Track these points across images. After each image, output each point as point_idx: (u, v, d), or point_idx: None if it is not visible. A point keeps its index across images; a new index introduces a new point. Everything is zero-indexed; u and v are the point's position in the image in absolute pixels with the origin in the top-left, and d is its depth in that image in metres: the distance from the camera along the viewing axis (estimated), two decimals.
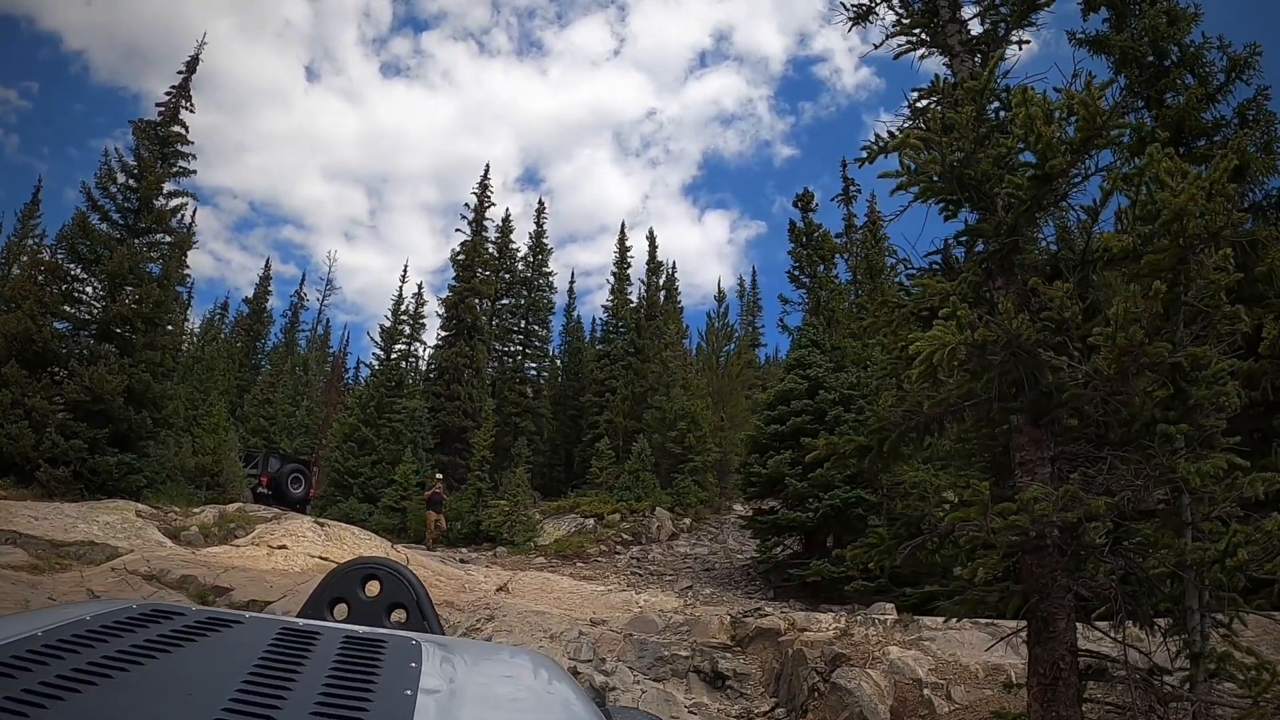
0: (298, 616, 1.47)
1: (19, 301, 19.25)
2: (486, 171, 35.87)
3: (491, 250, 34.83)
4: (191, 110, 22.61)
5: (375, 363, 32.74)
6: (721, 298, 38.83)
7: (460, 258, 33.51)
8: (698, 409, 26.37)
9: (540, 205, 39.77)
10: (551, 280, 37.62)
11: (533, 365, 36.80)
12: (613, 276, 36.57)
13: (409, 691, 0.91)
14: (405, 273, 48.98)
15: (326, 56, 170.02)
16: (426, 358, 34.44)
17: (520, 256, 36.86)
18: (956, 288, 5.84)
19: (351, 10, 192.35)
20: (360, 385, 38.08)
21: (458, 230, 34.62)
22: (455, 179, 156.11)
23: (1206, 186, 5.23)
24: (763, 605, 13.74)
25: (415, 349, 34.61)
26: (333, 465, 27.45)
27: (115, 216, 20.94)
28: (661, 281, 34.92)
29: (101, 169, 20.88)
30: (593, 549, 20.89)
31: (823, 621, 11.25)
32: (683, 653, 10.87)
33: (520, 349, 36.22)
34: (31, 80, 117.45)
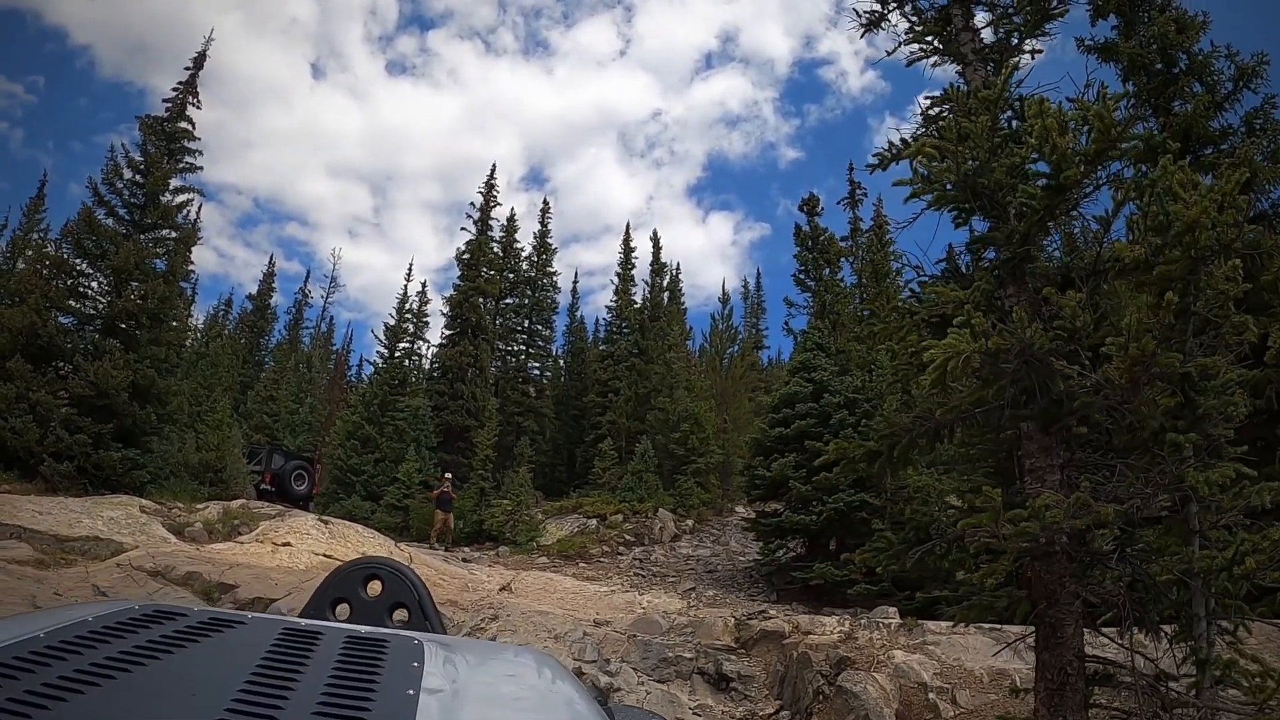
0: (300, 616, 1.48)
1: (24, 296, 19.14)
2: (493, 171, 35.98)
3: (496, 249, 34.86)
4: (199, 106, 22.48)
5: (379, 360, 32.72)
6: (726, 300, 38.78)
7: (465, 256, 33.58)
8: (701, 411, 26.35)
9: (545, 205, 39.88)
10: (555, 280, 37.70)
11: (536, 365, 36.82)
12: (616, 277, 36.68)
13: (411, 691, 0.92)
14: (410, 271, 49.02)
15: (332, 54, 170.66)
16: (430, 356, 34.48)
17: (524, 256, 36.89)
18: (970, 295, 5.88)
19: (358, 8, 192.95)
20: (363, 383, 38.06)
21: (463, 229, 34.70)
22: (459, 177, 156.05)
23: (1218, 199, 5.27)
24: (767, 608, 13.75)
25: (419, 347, 34.57)
26: (335, 463, 27.38)
27: (121, 212, 20.82)
28: (665, 283, 34.91)
29: (108, 164, 20.74)
30: (595, 549, 20.88)
31: (827, 625, 11.27)
32: (687, 654, 10.89)
33: (523, 348, 36.23)
34: (37, 74, 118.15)
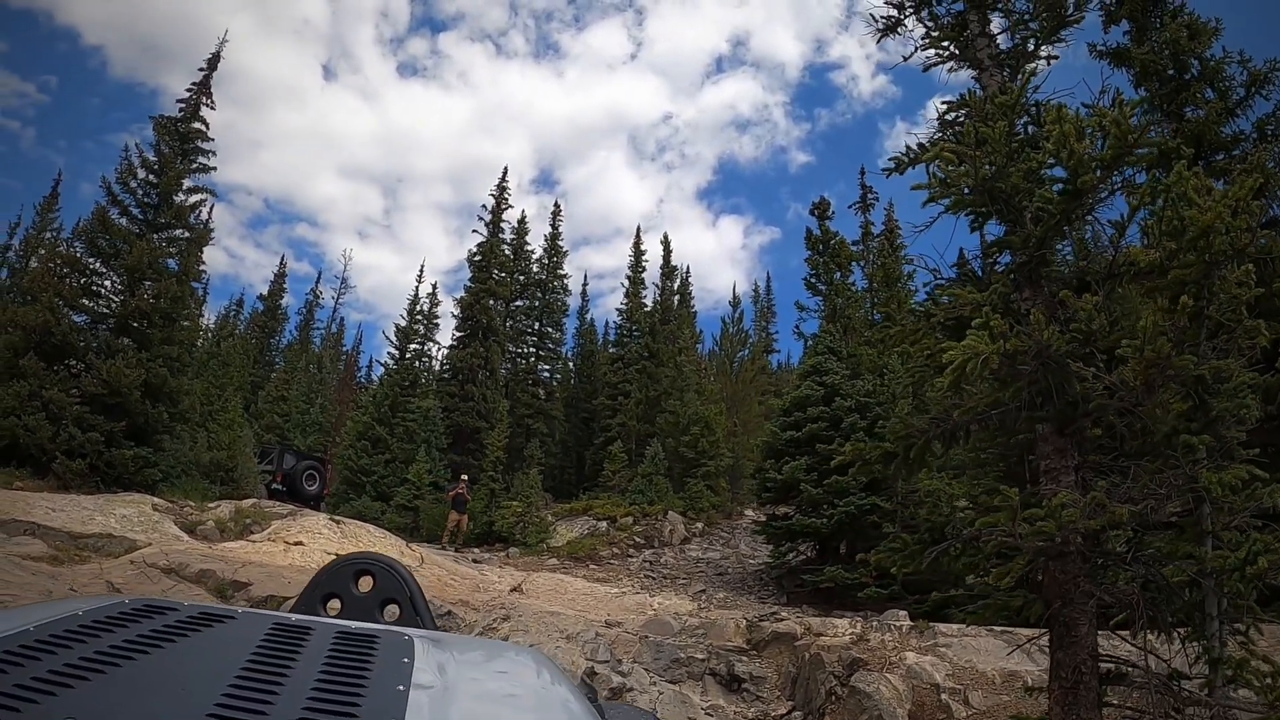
0: (290, 611, 1.49)
1: (38, 294, 19.27)
2: (505, 174, 36.07)
3: (507, 252, 34.95)
4: (212, 107, 22.61)
5: (390, 361, 32.84)
6: (736, 303, 38.89)
7: (477, 258, 33.68)
8: (711, 414, 26.38)
9: (556, 208, 39.89)
10: (566, 283, 37.69)
11: (545, 367, 36.83)
12: (627, 280, 36.86)
13: (402, 687, 0.92)
14: (421, 272, 49.38)
15: (344, 55, 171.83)
16: (440, 358, 34.60)
17: (535, 258, 36.97)
18: (988, 298, 5.95)
19: (369, 10, 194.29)
20: (373, 384, 38.17)
21: (474, 231, 34.79)
22: (470, 179, 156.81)
23: (1233, 204, 5.33)
24: (778, 610, 13.80)
25: (429, 349, 34.77)
26: (346, 463, 27.44)
27: (135, 211, 20.95)
28: (676, 286, 34.98)
29: (122, 164, 20.89)
30: (605, 551, 20.91)
31: (838, 627, 11.31)
32: (698, 655, 10.93)
33: (533, 351, 36.25)
34: (50, 74, 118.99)
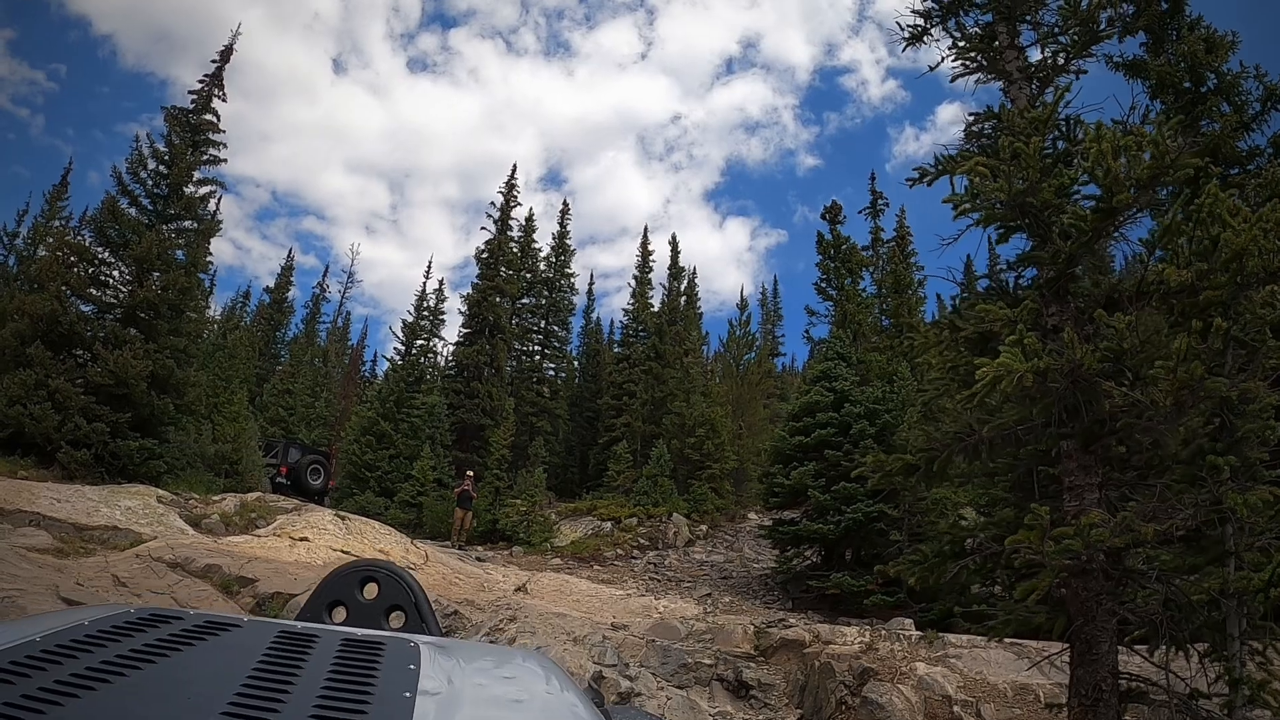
0: (296, 619, 1.49)
1: (45, 282, 19.15)
2: (514, 171, 36.07)
3: (515, 249, 34.92)
4: (224, 99, 22.52)
5: (395, 357, 32.74)
6: (744, 306, 38.62)
7: (484, 255, 33.68)
8: (717, 416, 26.32)
9: (565, 206, 39.94)
10: (573, 282, 37.61)
11: (551, 366, 36.75)
12: (634, 280, 36.84)
13: (408, 694, 0.92)
14: (429, 268, 49.21)
15: (354, 50, 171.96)
16: (445, 354, 34.55)
17: (542, 256, 36.89)
18: (1019, 314, 5.92)
19: (380, 5, 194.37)
20: (377, 379, 38.11)
21: (482, 229, 34.78)
22: (477, 176, 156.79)
23: (1267, 228, 5.31)
24: (786, 616, 13.77)
25: (434, 345, 34.64)
26: (350, 458, 27.32)
27: (145, 202, 20.85)
28: (683, 287, 34.90)
29: (133, 154, 20.81)
30: (609, 552, 20.90)
31: (847, 635, 11.27)
32: (706, 660, 10.91)
33: (539, 349, 36.18)
34: (60, 63, 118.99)
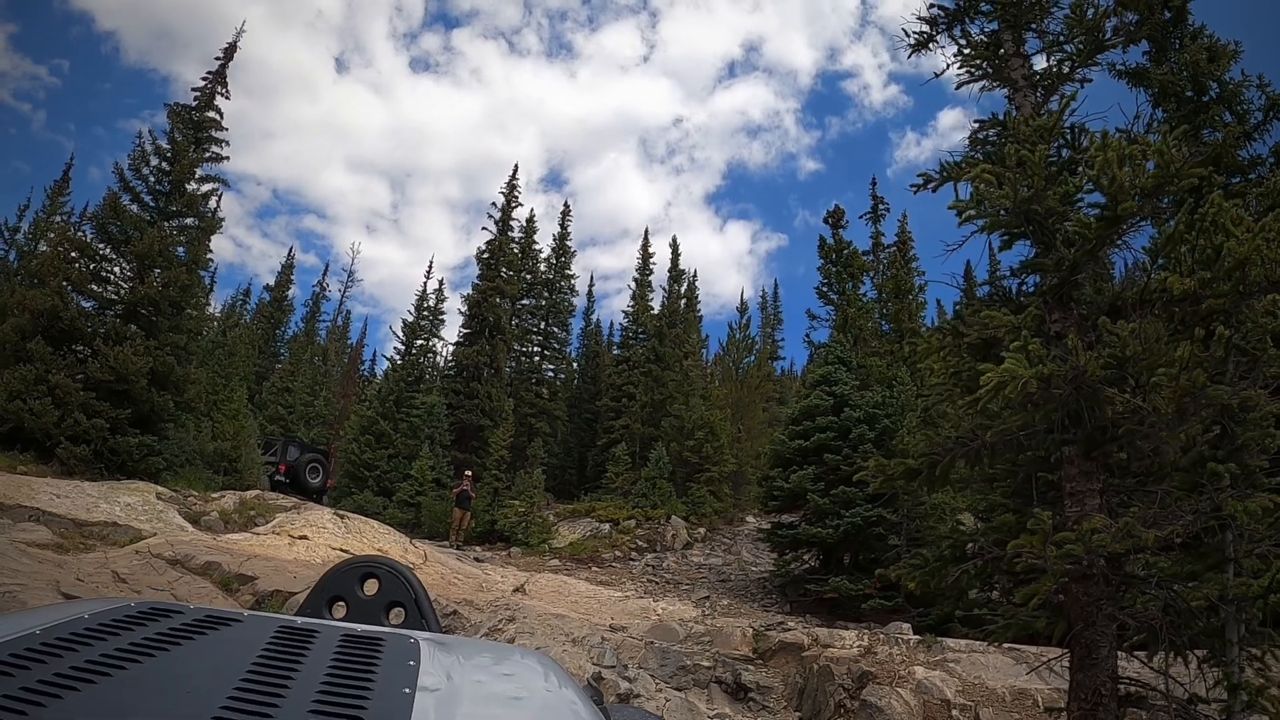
0: (296, 615, 1.49)
1: (46, 278, 19.16)
2: (515, 172, 36.19)
3: (516, 250, 34.95)
4: (227, 97, 22.63)
5: (396, 357, 32.75)
6: (744, 309, 38.66)
7: (485, 256, 33.72)
8: (716, 419, 26.30)
9: (566, 208, 39.94)
10: (573, 283, 37.64)
11: (550, 367, 36.76)
12: (634, 282, 36.92)
13: (408, 690, 0.93)
14: (430, 268, 49.33)
15: (356, 48, 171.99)
16: (445, 354, 34.60)
17: (543, 258, 36.90)
18: (1023, 320, 5.96)
19: (383, 4, 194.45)
20: (377, 378, 38.10)
21: (483, 229, 34.85)
22: (478, 176, 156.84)
23: (1270, 237, 5.35)
24: (784, 619, 13.79)
25: (434, 345, 34.74)
26: (349, 457, 27.38)
27: (146, 198, 20.88)
28: (684, 289, 34.94)
29: (135, 151, 20.85)
30: (607, 554, 20.87)
31: (846, 638, 11.29)
32: (705, 663, 10.92)
33: (538, 350, 36.19)
34: (62, 58, 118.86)
